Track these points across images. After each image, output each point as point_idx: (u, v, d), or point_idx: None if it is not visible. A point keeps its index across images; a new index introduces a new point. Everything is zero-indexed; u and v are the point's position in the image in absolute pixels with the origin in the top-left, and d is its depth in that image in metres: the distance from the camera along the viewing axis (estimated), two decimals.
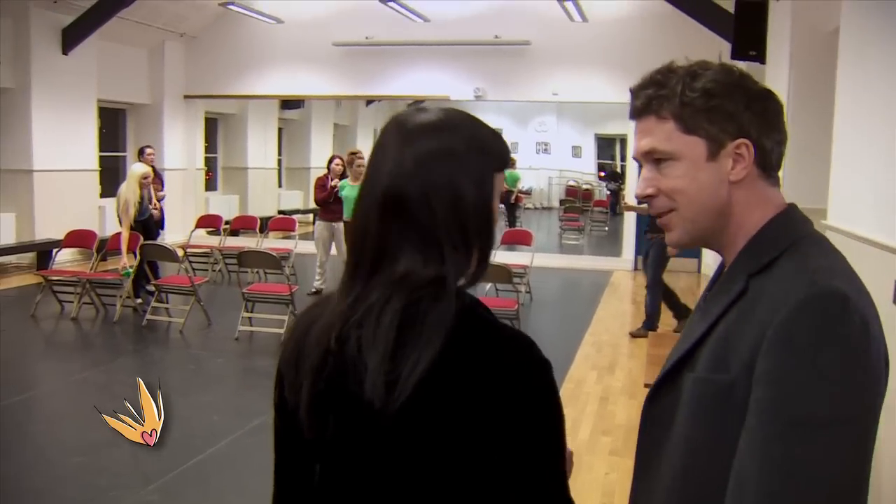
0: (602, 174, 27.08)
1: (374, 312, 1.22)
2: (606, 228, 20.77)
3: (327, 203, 10.24)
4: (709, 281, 1.49)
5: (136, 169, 9.57)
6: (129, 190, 9.29)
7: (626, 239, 14.56)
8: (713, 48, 12.24)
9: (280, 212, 17.71)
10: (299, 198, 20.30)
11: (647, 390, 1.42)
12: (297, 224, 12.52)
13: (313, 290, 10.42)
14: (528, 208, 24.04)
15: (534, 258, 10.66)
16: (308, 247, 11.71)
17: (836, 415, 1.13)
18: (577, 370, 7.50)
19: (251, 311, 8.47)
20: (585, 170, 27.54)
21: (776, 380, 1.15)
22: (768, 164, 1.33)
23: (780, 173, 1.36)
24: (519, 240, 11.38)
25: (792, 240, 1.29)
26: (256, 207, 17.21)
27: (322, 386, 1.26)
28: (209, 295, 9.91)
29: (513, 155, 23.57)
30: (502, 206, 20.58)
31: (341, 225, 10.08)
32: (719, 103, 1.31)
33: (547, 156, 27.45)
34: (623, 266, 14.15)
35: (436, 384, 1.19)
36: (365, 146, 20.09)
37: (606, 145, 27.58)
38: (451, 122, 1.28)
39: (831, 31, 6.43)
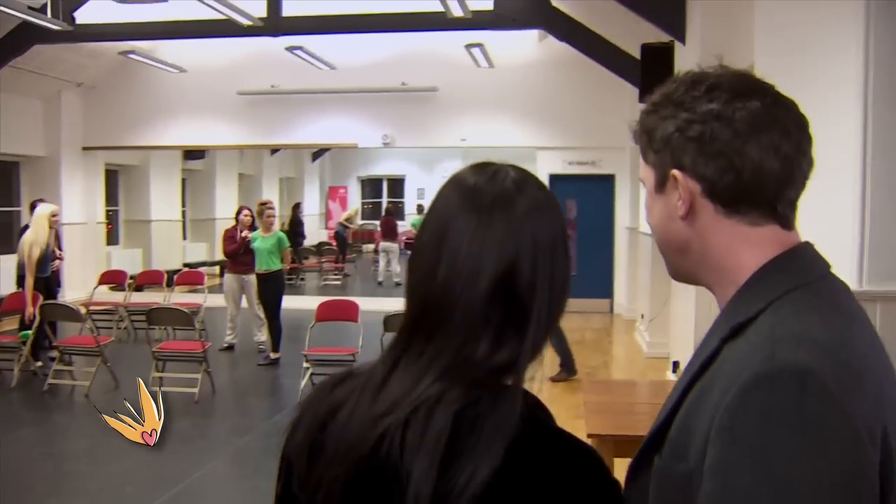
0: None
1: (423, 409, 1.04)
2: None
3: (236, 255, 9.96)
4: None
5: (44, 208, 9.11)
6: (35, 231, 8.82)
7: None
8: (620, 92, 12.54)
9: (186, 265, 17.22)
10: (205, 250, 19.80)
11: (592, 441, 1.25)
12: (206, 277, 12.16)
13: (225, 344, 10.09)
14: None
15: None
16: (217, 300, 11.35)
17: None
18: None
19: (162, 371, 8.10)
20: None
21: (718, 476, 0.97)
22: (727, 198, 1.11)
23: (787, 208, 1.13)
24: None
25: (779, 292, 1.07)
26: (161, 261, 16.70)
27: (352, 497, 1.08)
28: (115, 355, 9.46)
29: (420, 201, 23.63)
30: (409, 252, 20.49)
31: (252, 277, 9.81)
32: (655, 125, 1.16)
33: None
34: None
35: (493, 502, 1.02)
36: (271, 195, 19.85)
37: None
38: (549, 195, 1.15)
39: None
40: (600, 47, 10.13)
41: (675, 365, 7.80)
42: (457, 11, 10.11)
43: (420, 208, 21.42)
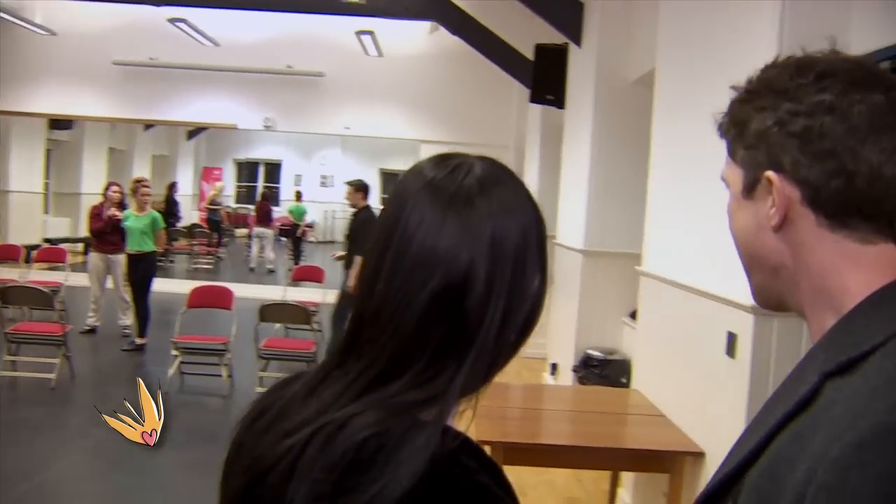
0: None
1: (324, 433, 0.87)
2: None
3: (103, 233, 9.41)
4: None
5: None
6: None
7: None
8: (508, 91, 12.56)
9: (46, 240, 16.30)
10: (68, 225, 18.81)
11: (487, 449, 1.07)
12: (68, 254, 11.49)
13: (86, 327, 9.54)
14: (310, 242, 23.61)
15: (326, 295, 10.33)
16: (79, 280, 10.74)
17: None
18: None
19: (15, 354, 7.56)
20: (370, 205, 27.48)
21: None
22: (834, 207, 0.93)
23: None
24: (309, 276, 10.97)
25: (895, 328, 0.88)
26: (19, 235, 15.74)
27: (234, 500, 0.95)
28: None
29: (297, 188, 23.19)
30: (284, 238, 20.10)
31: (120, 257, 9.30)
32: (748, 116, 0.98)
33: (330, 189, 27.17)
34: None
35: None
36: (142, 172, 19.02)
37: (390, 180, 27.73)
38: (522, 198, 0.96)
39: (635, 81, 6.62)
40: (492, 44, 10.07)
41: (554, 367, 7.80)
42: None
43: (298, 195, 20.96)
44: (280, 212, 21.61)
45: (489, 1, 9.83)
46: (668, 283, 4.46)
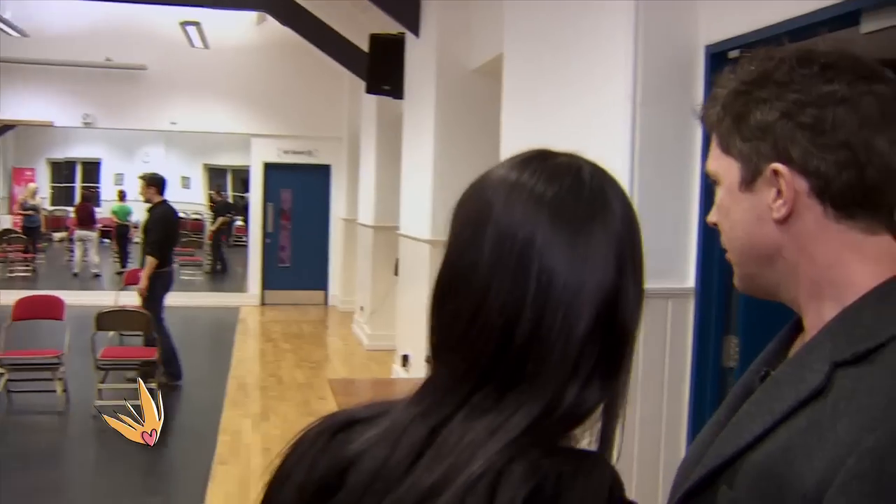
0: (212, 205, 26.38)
1: (485, 483, 0.76)
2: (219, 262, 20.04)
3: None
4: (771, 343, 1.10)
5: None
6: None
7: (251, 272, 14.15)
8: (339, 82, 12.41)
9: None
10: None
11: None
12: None
13: None
14: (136, 243, 22.60)
15: None
16: None
17: None
18: (229, 420, 6.96)
19: None
20: (195, 201, 26.60)
21: None
22: (841, 199, 0.93)
23: None
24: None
25: None
26: None
27: None
28: None
29: (120, 187, 22.12)
30: (107, 240, 19.13)
31: None
32: (748, 109, 0.97)
33: None
34: (250, 301, 13.72)
35: None
36: None
37: (217, 176, 26.96)
38: (612, 190, 0.88)
39: (476, 69, 6.66)
40: (324, 35, 9.90)
41: (405, 358, 7.77)
42: None
43: (121, 195, 19.96)
44: (102, 213, 20.54)
45: None
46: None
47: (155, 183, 8.06)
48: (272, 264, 13.96)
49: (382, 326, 9.91)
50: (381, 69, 8.30)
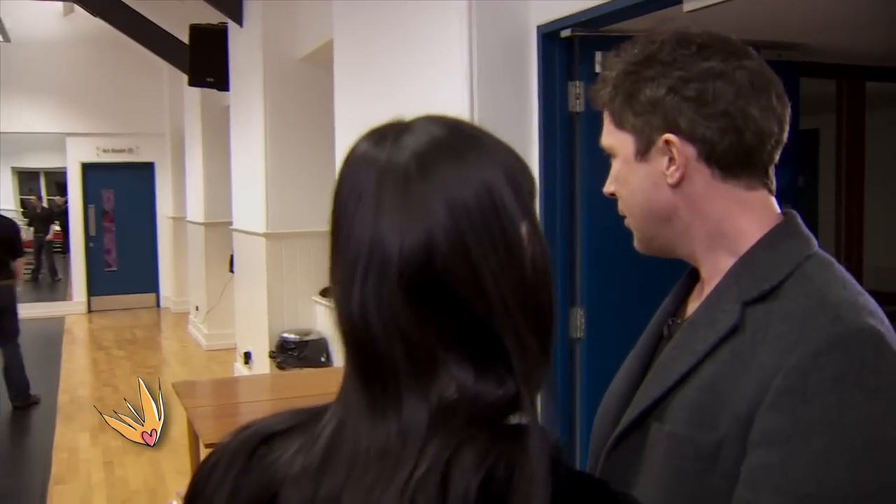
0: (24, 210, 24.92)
1: (434, 476, 0.71)
2: (43, 271, 18.97)
3: None
4: (668, 297, 1.20)
5: None
6: None
7: (74, 279, 13.44)
8: (157, 76, 11.95)
9: None
10: None
11: None
12: None
13: None
14: None
15: None
16: None
17: (859, 489, 0.88)
18: (65, 436, 6.59)
19: None
20: (5, 207, 25.04)
21: (783, 441, 0.91)
22: (725, 161, 1.06)
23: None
24: None
25: (798, 259, 1.04)
26: None
27: None
28: None
29: None
30: None
31: None
32: (638, 87, 1.07)
33: None
34: (76, 309, 13.04)
35: None
36: None
37: (28, 179, 25.45)
38: (473, 140, 0.80)
39: (303, 58, 6.56)
40: (140, 26, 9.46)
41: (247, 356, 7.60)
42: None
43: None
44: None
45: None
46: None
47: None
48: (97, 269, 13.30)
49: (220, 325, 9.66)
50: (204, 61, 8.04)
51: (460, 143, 0.80)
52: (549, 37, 3.31)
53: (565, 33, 3.23)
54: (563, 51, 3.35)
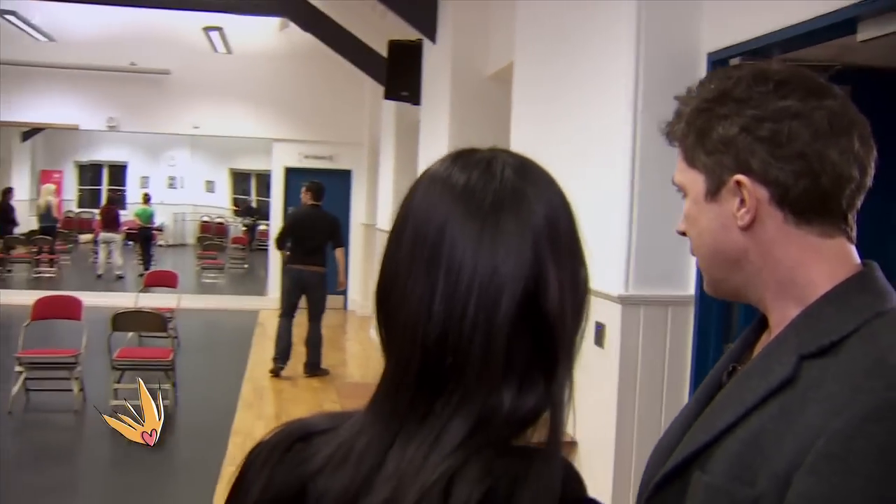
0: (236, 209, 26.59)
1: (437, 490, 0.77)
2: (246, 265, 20.21)
3: None
4: (736, 342, 1.17)
5: None
6: None
7: (271, 276, 14.22)
8: (360, 88, 12.48)
9: None
10: None
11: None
12: None
13: None
14: (160, 246, 22.83)
15: (181, 300, 10.04)
16: None
17: None
18: (243, 421, 7.02)
19: None
20: (220, 205, 26.82)
21: None
22: (799, 206, 1.01)
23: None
24: (163, 281, 10.58)
25: (865, 317, 0.97)
26: None
27: None
28: None
29: (145, 190, 22.35)
30: (132, 242, 19.34)
31: None
32: (711, 125, 1.04)
33: (179, 191, 26.34)
34: (269, 305, 13.77)
35: None
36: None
37: (241, 180, 27.15)
38: (556, 181, 0.89)
39: (491, 75, 6.68)
40: (345, 41, 9.98)
41: None
42: None
43: (146, 197, 20.18)
44: (127, 215, 20.75)
45: None
46: None
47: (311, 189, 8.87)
48: None
49: None
50: (400, 75, 8.34)
51: (542, 176, 0.88)
52: (718, 64, 3.24)
53: (734, 61, 3.15)
54: None
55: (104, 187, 26.05)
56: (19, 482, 5.55)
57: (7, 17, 11.80)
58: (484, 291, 0.80)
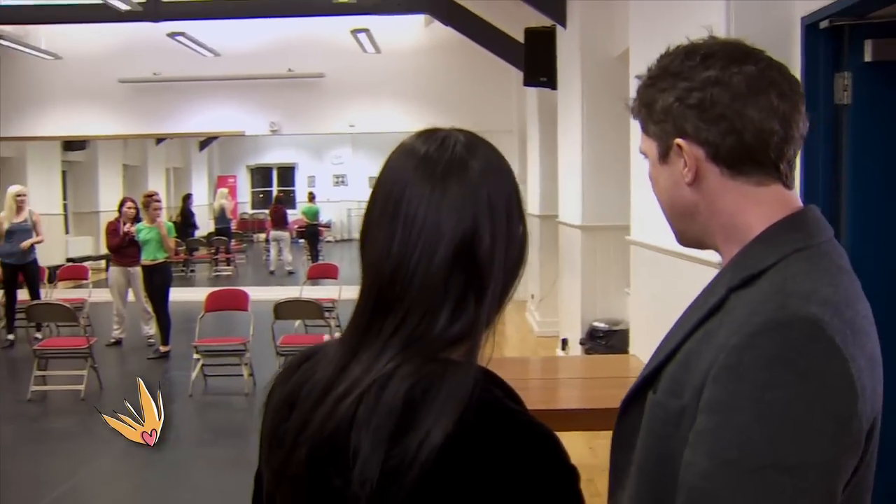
0: None
1: (376, 386, 1.01)
2: None
3: (121, 248, 9.68)
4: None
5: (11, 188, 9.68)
6: None
7: None
8: (506, 75, 12.70)
9: (69, 259, 16.62)
10: (89, 243, 19.13)
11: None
12: (90, 271, 11.79)
13: (112, 340, 9.84)
14: (328, 241, 23.87)
15: (342, 291, 10.56)
16: (103, 295, 11.02)
17: (775, 461, 0.98)
18: None
19: (44, 369, 7.84)
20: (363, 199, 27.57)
21: (715, 411, 1.03)
22: (730, 160, 1.16)
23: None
24: (325, 274, 11.21)
25: (785, 252, 1.12)
26: (42, 256, 16.04)
27: (297, 475, 1.06)
28: None
29: (311, 189, 23.43)
30: (301, 240, 20.36)
31: (138, 269, 9.55)
32: (654, 98, 1.21)
33: (344, 188, 27.40)
34: None
35: (439, 477, 0.98)
36: (157, 186, 19.33)
37: None
38: (501, 158, 1.13)
39: (618, 56, 6.77)
40: (484, 31, 10.22)
41: (564, 342, 7.98)
42: None
43: (311, 196, 21.20)
44: (295, 214, 21.84)
45: None
46: (654, 249, 4.64)
47: None
48: None
49: (550, 313, 10.10)
50: (537, 61, 8.51)
51: (487, 152, 1.11)
52: (811, 28, 3.27)
53: (823, 24, 3.18)
54: (829, 41, 3.29)
55: (274, 188, 27.44)
56: (202, 456, 6.15)
57: (177, 38, 12.76)
58: (428, 239, 1.03)
